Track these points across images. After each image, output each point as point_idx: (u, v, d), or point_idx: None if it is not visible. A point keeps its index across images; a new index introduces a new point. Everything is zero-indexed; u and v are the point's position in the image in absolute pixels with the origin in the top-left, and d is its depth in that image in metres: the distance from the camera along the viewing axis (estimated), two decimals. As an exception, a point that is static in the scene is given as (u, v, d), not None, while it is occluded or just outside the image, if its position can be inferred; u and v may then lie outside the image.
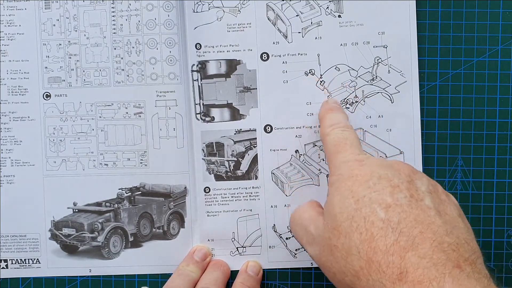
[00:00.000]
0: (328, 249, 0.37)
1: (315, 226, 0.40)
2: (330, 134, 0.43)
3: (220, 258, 0.51)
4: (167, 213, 0.52)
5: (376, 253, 0.34)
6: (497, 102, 0.50)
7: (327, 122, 0.45)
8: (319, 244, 0.38)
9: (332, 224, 0.37)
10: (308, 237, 0.40)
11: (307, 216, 0.41)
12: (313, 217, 0.41)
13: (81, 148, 0.52)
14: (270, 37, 0.50)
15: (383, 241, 0.34)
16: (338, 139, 0.42)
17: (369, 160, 0.39)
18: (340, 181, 0.38)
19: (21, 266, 0.52)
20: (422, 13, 0.50)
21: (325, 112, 0.47)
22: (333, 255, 0.36)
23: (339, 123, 0.44)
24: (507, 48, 0.50)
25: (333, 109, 0.47)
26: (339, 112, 0.47)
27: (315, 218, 0.40)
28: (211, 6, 0.50)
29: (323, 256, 0.38)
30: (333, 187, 0.38)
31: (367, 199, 0.36)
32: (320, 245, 0.38)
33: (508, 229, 0.50)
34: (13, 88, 0.52)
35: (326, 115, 0.47)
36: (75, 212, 0.52)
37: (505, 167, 0.50)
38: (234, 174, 0.51)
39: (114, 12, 0.51)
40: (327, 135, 0.44)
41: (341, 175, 0.38)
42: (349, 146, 0.41)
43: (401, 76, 0.50)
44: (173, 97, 0.51)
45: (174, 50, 0.51)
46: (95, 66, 0.52)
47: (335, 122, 0.45)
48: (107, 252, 0.52)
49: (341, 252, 0.36)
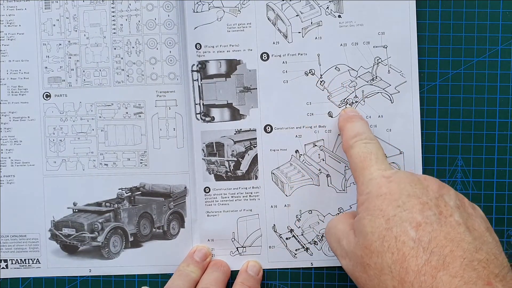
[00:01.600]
0: (361, 266, 0.37)
1: (348, 241, 0.40)
2: (354, 147, 0.43)
3: (220, 258, 0.51)
4: (167, 213, 0.52)
5: (408, 273, 0.34)
6: (497, 102, 0.50)
7: (349, 133, 0.45)
8: (352, 260, 0.38)
9: (364, 243, 0.37)
10: (341, 250, 0.40)
11: (341, 228, 0.41)
12: (346, 231, 0.40)
13: (81, 148, 0.52)
14: (270, 37, 0.50)
15: (415, 261, 0.34)
16: (362, 154, 0.42)
17: (396, 175, 0.39)
18: (369, 201, 0.38)
19: (21, 266, 0.52)
20: (422, 13, 0.50)
21: (344, 122, 0.47)
22: (366, 272, 0.37)
23: (362, 134, 0.44)
24: (507, 48, 0.50)
25: (352, 118, 0.47)
26: (360, 121, 0.46)
27: (348, 232, 0.40)
28: (211, 6, 0.50)
29: (356, 271, 0.38)
30: (363, 206, 0.38)
31: (397, 218, 0.36)
32: (353, 260, 0.38)
33: (508, 229, 0.50)
34: (13, 88, 0.52)
35: (346, 125, 0.46)
36: (75, 212, 0.52)
37: (505, 167, 0.50)
38: (234, 174, 0.51)
39: (114, 12, 0.51)
40: (350, 148, 0.43)
41: (370, 194, 0.38)
42: (375, 161, 0.41)
43: (401, 76, 0.50)
44: (173, 97, 0.51)
45: (174, 50, 0.51)
46: (95, 66, 0.52)
47: (357, 133, 0.44)
48: (107, 252, 0.52)
49: (374, 271, 0.36)
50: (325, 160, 0.50)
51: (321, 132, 0.50)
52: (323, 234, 0.51)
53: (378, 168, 0.40)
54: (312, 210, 0.51)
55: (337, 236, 0.41)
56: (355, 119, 0.47)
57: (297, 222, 0.51)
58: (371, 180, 0.39)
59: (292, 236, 0.51)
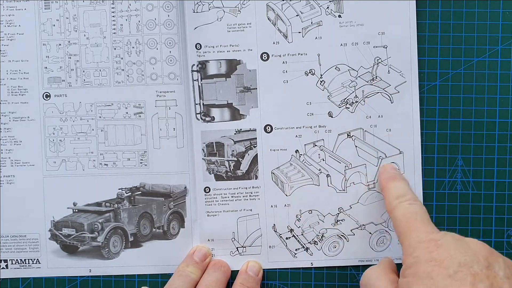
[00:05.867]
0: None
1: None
2: (398, 208, 0.43)
3: (220, 258, 0.51)
4: (167, 213, 0.52)
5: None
6: (497, 102, 0.50)
7: (392, 193, 0.45)
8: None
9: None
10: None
11: (380, 285, 0.41)
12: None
13: (81, 148, 0.52)
14: (270, 37, 0.50)
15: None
16: (408, 215, 0.42)
17: (444, 239, 0.38)
18: (418, 265, 0.37)
19: (21, 266, 0.52)
20: (422, 13, 0.50)
21: (387, 181, 0.47)
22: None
23: (405, 195, 0.44)
24: (507, 48, 0.50)
25: (395, 177, 0.47)
26: (402, 181, 0.47)
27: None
28: (211, 6, 0.50)
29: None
30: (411, 270, 0.38)
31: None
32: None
33: (508, 229, 0.50)
34: (13, 88, 0.52)
35: (388, 184, 0.46)
36: (75, 212, 0.52)
37: (505, 167, 0.50)
38: (234, 174, 0.51)
39: (114, 12, 0.51)
40: (395, 208, 0.43)
41: (418, 258, 0.38)
42: (421, 223, 0.41)
43: (401, 76, 0.50)
44: (173, 97, 0.51)
45: (174, 50, 0.51)
46: (95, 66, 0.52)
47: (401, 193, 0.44)
48: (107, 252, 0.52)
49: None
50: (325, 160, 0.50)
51: (321, 132, 0.50)
52: (323, 234, 0.51)
53: (425, 230, 0.40)
54: (312, 210, 0.51)
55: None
56: (398, 178, 0.47)
57: (297, 222, 0.51)
58: (419, 243, 0.39)
59: (292, 236, 0.51)
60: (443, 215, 0.50)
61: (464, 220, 0.50)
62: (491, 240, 0.50)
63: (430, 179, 0.50)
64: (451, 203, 0.50)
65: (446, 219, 0.50)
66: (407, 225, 0.41)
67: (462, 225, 0.50)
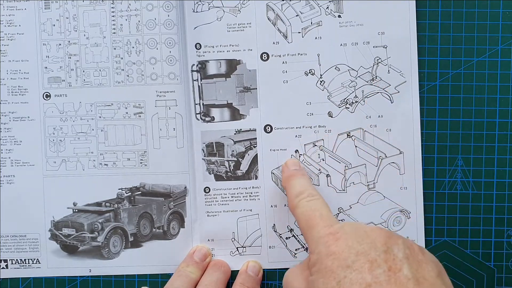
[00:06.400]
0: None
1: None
2: (299, 207, 0.43)
3: (220, 258, 0.51)
4: (167, 213, 0.52)
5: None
6: (497, 102, 0.50)
7: (292, 191, 0.45)
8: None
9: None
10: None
11: (296, 285, 0.41)
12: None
13: (81, 148, 0.52)
14: (270, 37, 0.50)
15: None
16: (307, 212, 0.42)
17: (343, 230, 0.39)
18: (320, 261, 0.38)
19: (21, 266, 0.52)
20: (422, 13, 0.50)
21: (287, 180, 0.47)
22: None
23: (304, 191, 0.44)
24: (507, 48, 0.50)
25: (294, 175, 0.47)
26: (301, 178, 0.46)
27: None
28: (211, 6, 0.50)
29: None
30: (315, 267, 0.38)
31: (347, 280, 0.36)
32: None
33: (508, 229, 0.50)
34: (13, 88, 0.52)
35: (288, 183, 0.46)
36: (75, 212, 0.52)
37: (505, 167, 0.50)
38: (234, 174, 0.51)
39: (114, 12, 0.51)
40: (296, 207, 0.43)
41: (320, 254, 0.38)
42: (320, 219, 0.41)
43: (400, 76, 0.50)
44: (173, 97, 0.51)
45: (174, 50, 0.51)
46: (95, 66, 0.52)
47: (300, 190, 0.44)
48: (107, 252, 0.52)
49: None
50: (325, 160, 0.50)
51: (321, 132, 0.50)
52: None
53: (324, 225, 0.40)
54: (312, 210, 0.51)
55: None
56: (296, 175, 0.47)
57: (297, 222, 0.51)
58: (319, 238, 0.39)
59: (292, 236, 0.51)
60: (443, 215, 0.50)
61: (464, 220, 0.50)
62: (491, 240, 0.50)
63: (430, 179, 0.50)
64: (451, 203, 0.50)
65: (446, 219, 0.50)
66: (308, 223, 0.41)
67: (462, 225, 0.50)
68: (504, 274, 0.50)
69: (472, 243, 0.50)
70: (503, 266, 0.50)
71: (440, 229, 0.50)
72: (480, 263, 0.50)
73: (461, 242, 0.50)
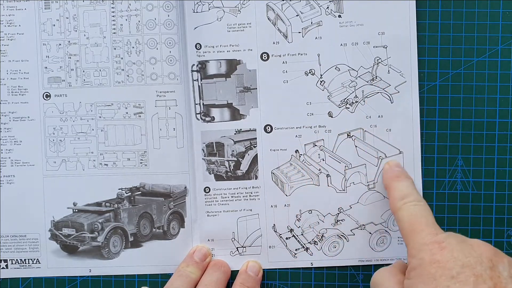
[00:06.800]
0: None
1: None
2: (403, 209, 0.43)
3: (220, 258, 0.51)
4: (167, 213, 0.52)
5: None
6: (497, 102, 0.50)
7: (397, 193, 0.45)
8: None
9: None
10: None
11: (387, 286, 0.41)
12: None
13: (81, 148, 0.52)
14: (270, 37, 0.50)
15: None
16: (412, 217, 0.42)
17: (448, 240, 0.39)
18: (422, 267, 0.38)
19: (21, 266, 0.52)
20: (422, 13, 0.50)
21: (391, 180, 0.47)
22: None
23: (410, 195, 0.44)
24: (507, 48, 0.50)
25: (399, 176, 0.47)
26: (407, 180, 0.47)
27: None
28: (211, 6, 0.50)
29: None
30: (415, 271, 0.38)
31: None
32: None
33: (508, 229, 0.50)
34: (13, 88, 0.52)
35: (393, 184, 0.46)
36: (75, 212, 0.52)
37: (505, 167, 0.50)
38: (234, 174, 0.51)
39: (114, 12, 0.51)
40: (399, 209, 0.43)
41: (423, 260, 0.38)
42: (425, 225, 0.41)
43: (400, 76, 0.50)
44: (173, 97, 0.51)
45: (174, 50, 0.51)
46: (95, 66, 0.52)
47: (406, 194, 0.44)
48: (107, 252, 0.52)
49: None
50: (325, 160, 0.50)
51: (321, 132, 0.50)
52: (323, 234, 0.51)
53: (429, 232, 0.40)
54: (312, 210, 0.51)
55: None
56: (402, 177, 0.47)
57: (297, 222, 0.51)
58: (423, 245, 0.39)
59: (292, 236, 0.51)
60: (443, 215, 0.50)
61: (464, 220, 0.50)
62: (491, 240, 0.50)
63: (430, 179, 0.50)
64: (451, 203, 0.50)
65: (446, 219, 0.50)
66: (411, 227, 0.41)
67: (462, 225, 0.50)
68: (504, 274, 0.50)
69: (472, 243, 0.50)
70: (503, 266, 0.50)
71: (440, 229, 0.50)
72: (480, 263, 0.50)
73: (461, 242, 0.50)
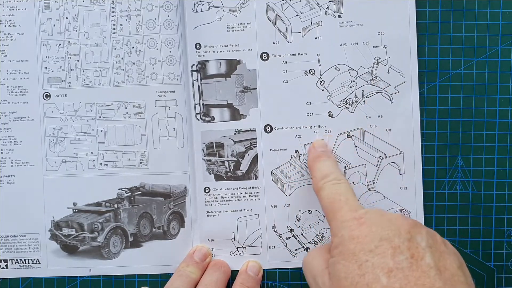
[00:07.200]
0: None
1: (322, 281, 0.40)
2: (324, 189, 0.43)
3: (220, 258, 0.51)
4: (167, 213, 0.52)
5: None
6: (497, 102, 0.50)
7: (317, 173, 0.45)
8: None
9: (337, 287, 0.37)
10: (316, 287, 0.41)
11: (316, 265, 0.42)
12: (321, 269, 0.41)
13: (81, 148, 0.52)
14: (270, 37, 0.50)
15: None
16: (332, 196, 0.42)
17: (367, 216, 0.39)
18: (342, 244, 0.38)
19: (21, 266, 0.53)
20: (422, 13, 0.50)
21: (313, 161, 0.47)
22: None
23: (330, 174, 0.44)
24: (507, 48, 0.50)
25: (320, 156, 0.47)
26: (327, 160, 0.47)
27: (323, 271, 0.40)
28: (211, 6, 0.50)
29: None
30: (337, 249, 0.39)
31: (369, 264, 0.36)
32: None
33: (508, 229, 0.50)
34: (13, 88, 0.52)
35: (314, 165, 0.46)
36: (75, 212, 0.52)
37: (505, 167, 0.50)
38: (234, 174, 0.51)
39: (114, 12, 0.51)
40: (320, 189, 0.44)
41: (343, 237, 0.39)
42: (345, 203, 0.41)
43: (400, 76, 0.50)
44: (173, 97, 0.51)
45: (174, 50, 0.51)
46: (95, 66, 0.52)
47: (325, 174, 0.45)
48: (107, 252, 0.52)
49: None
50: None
51: (321, 132, 0.50)
52: (323, 234, 0.51)
53: (348, 209, 0.40)
54: (312, 210, 0.51)
55: (312, 273, 0.42)
56: (323, 157, 0.47)
57: (297, 222, 0.51)
58: (343, 222, 0.40)
59: (292, 236, 0.51)
60: (443, 215, 0.50)
61: (464, 220, 0.50)
62: (491, 240, 0.50)
63: (430, 179, 0.50)
64: (451, 203, 0.50)
65: (446, 219, 0.50)
66: (332, 206, 0.42)
67: (462, 225, 0.50)
68: (504, 274, 0.50)
69: (472, 243, 0.50)
70: (503, 266, 0.50)
71: (440, 229, 0.50)
72: (480, 263, 0.50)
73: (461, 242, 0.50)
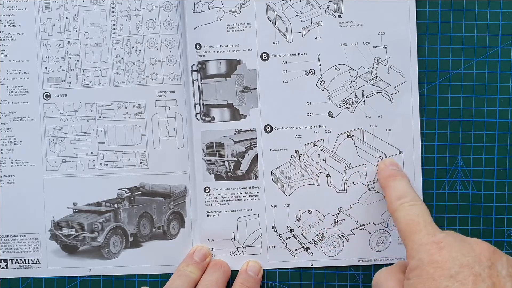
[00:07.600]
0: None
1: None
2: (400, 210, 0.43)
3: (220, 258, 0.51)
4: (167, 213, 0.52)
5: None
6: (497, 102, 0.50)
7: (393, 193, 0.45)
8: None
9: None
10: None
11: (389, 286, 0.41)
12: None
13: (81, 148, 0.52)
14: (270, 37, 0.50)
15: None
16: (410, 217, 0.42)
17: (446, 240, 0.39)
18: (421, 268, 0.38)
19: (21, 266, 0.52)
20: (422, 13, 0.50)
21: (387, 180, 0.47)
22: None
23: (407, 195, 0.44)
24: (507, 48, 0.50)
25: (395, 175, 0.47)
26: (402, 180, 0.46)
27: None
28: (211, 6, 0.50)
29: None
30: (415, 272, 0.38)
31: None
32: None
33: (508, 229, 0.50)
34: (13, 88, 0.52)
35: (389, 183, 0.46)
36: (75, 212, 0.52)
37: (505, 167, 0.50)
38: (234, 174, 0.51)
39: (114, 12, 0.51)
40: (396, 210, 0.43)
41: (421, 260, 0.38)
42: (423, 225, 0.41)
43: (400, 76, 0.50)
44: (173, 97, 0.51)
45: (174, 50, 0.51)
46: (95, 66, 0.52)
47: (402, 194, 0.44)
48: (107, 252, 0.52)
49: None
50: (325, 160, 0.50)
51: (321, 132, 0.50)
52: (323, 234, 0.51)
53: (427, 232, 0.40)
54: (312, 210, 0.51)
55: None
56: (398, 177, 0.47)
57: (297, 222, 0.51)
58: (421, 245, 0.39)
59: (292, 236, 0.51)
60: (443, 215, 0.50)
61: (464, 220, 0.50)
62: (491, 240, 0.50)
63: (430, 179, 0.50)
64: (451, 203, 0.50)
65: (446, 219, 0.50)
66: (409, 228, 0.41)
67: (462, 225, 0.50)
68: (504, 274, 0.50)
69: (472, 243, 0.50)
70: (503, 266, 0.50)
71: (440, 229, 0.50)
72: (480, 263, 0.50)
73: (461, 242, 0.50)
